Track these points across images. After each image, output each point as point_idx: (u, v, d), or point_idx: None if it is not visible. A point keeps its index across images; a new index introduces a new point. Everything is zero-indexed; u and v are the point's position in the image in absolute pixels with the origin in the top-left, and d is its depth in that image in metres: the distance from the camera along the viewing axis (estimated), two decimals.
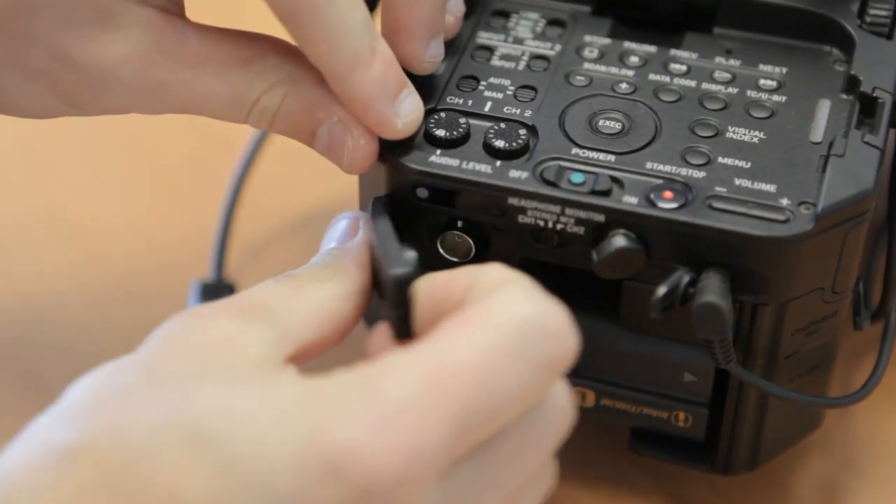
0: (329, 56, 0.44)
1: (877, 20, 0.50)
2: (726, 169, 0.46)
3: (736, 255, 0.44)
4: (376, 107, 0.45)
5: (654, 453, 0.51)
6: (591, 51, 0.50)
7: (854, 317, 0.49)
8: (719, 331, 0.43)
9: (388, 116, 0.45)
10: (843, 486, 0.54)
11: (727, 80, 0.49)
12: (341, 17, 0.43)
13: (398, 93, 0.45)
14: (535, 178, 0.45)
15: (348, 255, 0.44)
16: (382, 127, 0.45)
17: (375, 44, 0.44)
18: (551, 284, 0.49)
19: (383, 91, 0.44)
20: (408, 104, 0.45)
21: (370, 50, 0.44)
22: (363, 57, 0.44)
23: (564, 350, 0.39)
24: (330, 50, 0.44)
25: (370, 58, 0.44)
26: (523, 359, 0.38)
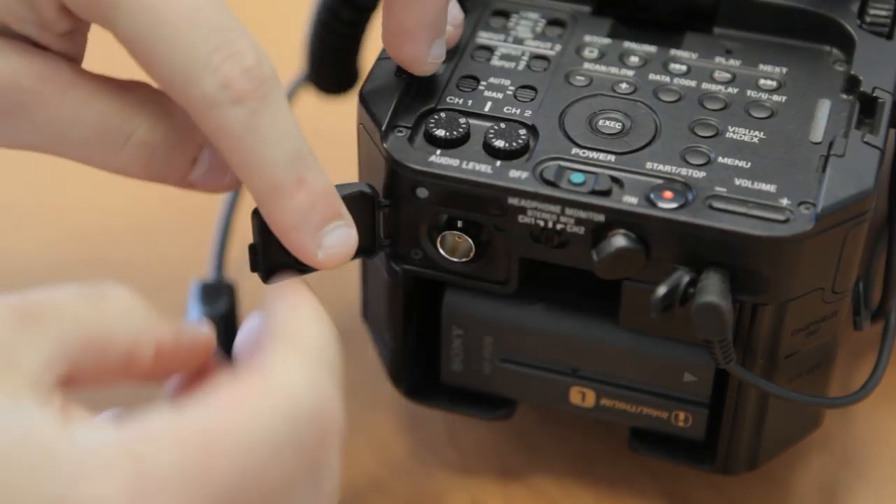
0: (247, 182, 0.43)
1: (877, 20, 0.50)
2: (726, 169, 0.46)
3: (736, 255, 0.44)
4: (294, 236, 0.43)
5: (654, 453, 0.51)
6: (591, 51, 0.50)
7: (854, 317, 0.49)
8: (719, 331, 0.43)
9: (307, 247, 0.44)
10: (843, 486, 0.54)
11: (727, 80, 0.49)
12: (260, 148, 0.42)
13: (323, 224, 0.44)
14: (535, 178, 0.45)
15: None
16: (301, 255, 0.44)
17: (305, 174, 0.43)
18: (551, 284, 0.49)
19: (304, 222, 0.43)
20: (334, 237, 0.44)
21: (294, 181, 0.43)
22: (284, 188, 0.43)
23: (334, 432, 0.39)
24: (247, 177, 0.43)
25: (293, 189, 0.43)
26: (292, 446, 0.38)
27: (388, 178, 0.46)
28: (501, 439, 0.55)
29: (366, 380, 0.57)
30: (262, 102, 0.42)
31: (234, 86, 0.41)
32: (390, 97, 0.47)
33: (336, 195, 0.44)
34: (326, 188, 0.44)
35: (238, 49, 0.42)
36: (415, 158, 0.46)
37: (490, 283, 0.47)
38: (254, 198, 0.43)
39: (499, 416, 0.52)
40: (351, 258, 0.45)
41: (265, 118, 0.42)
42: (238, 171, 0.43)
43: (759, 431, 0.49)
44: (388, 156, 0.46)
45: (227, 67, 0.41)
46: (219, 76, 0.41)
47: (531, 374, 0.50)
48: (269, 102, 0.42)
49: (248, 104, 0.42)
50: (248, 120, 0.42)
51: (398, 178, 0.46)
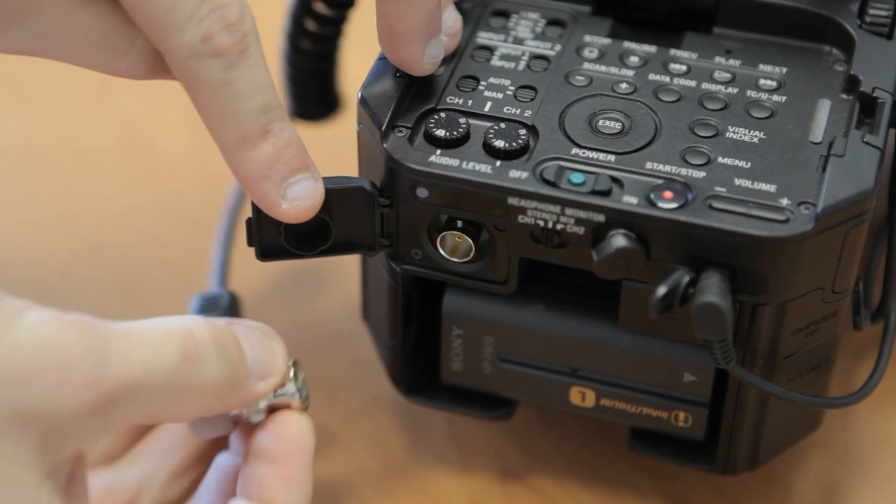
0: (214, 131, 0.43)
1: (877, 20, 0.50)
2: (726, 169, 0.46)
3: (736, 255, 0.44)
4: (259, 186, 0.44)
5: (654, 453, 0.51)
6: (591, 51, 0.50)
7: (854, 317, 0.49)
8: (719, 331, 0.43)
9: (271, 197, 0.44)
10: (843, 486, 0.54)
11: (727, 80, 0.49)
12: (232, 99, 0.43)
13: (289, 176, 0.44)
14: (535, 178, 0.45)
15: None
16: (266, 206, 0.45)
17: (272, 125, 0.43)
18: (551, 284, 0.49)
19: (269, 172, 0.44)
20: (299, 189, 0.44)
21: (261, 131, 0.43)
22: (250, 137, 0.43)
23: None
24: (215, 127, 0.43)
25: (258, 139, 0.43)
26: None
27: (388, 179, 0.46)
28: (501, 439, 0.55)
29: (366, 380, 0.57)
30: (239, 57, 0.42)
31: (216, 40, 0.42)
32: (390, 97, 0.47)
33: (302, 148, 0.45)
34: (292, 140, 0.44)
35: (223, 2, 0.42)
36: (415, 158, 0.46)
37: (490, 283, 0.47)
38: (219, 147, 0.44)
39: (499, 416, 0.52)
40: (316, 212, 0.45)
41: (240, 72, 0.42)
42: (206, 120, 0.43)
43: (759, 431, 0.49)
44: (388, 156, 0.46)
45: (212, 20, 0.42)
46: (202, 28, 0.42)
47: (531, 374, 0.50)
48: (247, 57, 0.43)
49: (226, 58, 0.42)
50: (224, 73, 0.42)
51: (398, 178, 0.46)
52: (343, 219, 0.47)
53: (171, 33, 0.42)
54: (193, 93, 0.43)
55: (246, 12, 0.42)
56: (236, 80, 0.42)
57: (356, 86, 0.48)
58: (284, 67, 0.58)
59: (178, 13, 0.41)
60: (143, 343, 0.39)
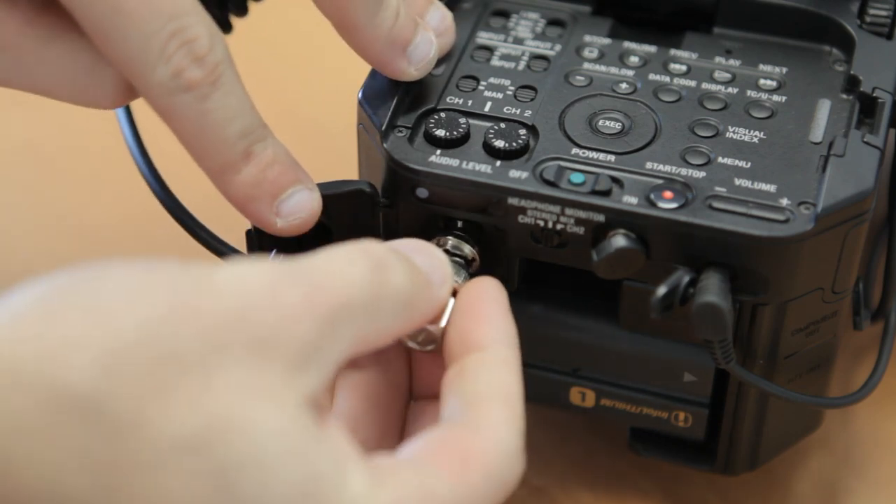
0: (199, 162, 0.44)
1: (877, 20, 0.50)
2: (726, 169, 0.46)
3: (736, 255, 0.44)
4: (250, 207, 0.44)
5: (654, 453, 0.51)
6: (591, 51, 0.50)
7: (854, 317, 0.49)
8: (719, 331, 0.43)
9: (264, 216, 0.44)
10: (843, 486, 0.54)
11: (727, 80, 0.49)
12: (211, 132, 0.43)
13: (279, 193, 0.44)
14: (535, 178, 0.45)
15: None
16: (262, 226, 0.45)
17: (252, 147, 0.44)
18: (551, 284, 0.49)
19: (257, 193, 0.44)
20: (292, 203, 0.44)
21: (242, 156, 0.43)
22: (233, 163, 0.43)
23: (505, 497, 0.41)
24: (199, 156, 0.43)
25: (241, 163, 0.43)
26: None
27: (388, 178, 0.46)
28: None
29: None
30: (212, 87, 0.42)
31: (186, 74, 0.42)
32: (390, 97, 0.47)
33: (290, 162, 0.44)
34: (277, 157, 0.44)
35: (192, 36, 0.42)
36: (415, 158, 0.46)
37: None
38: (204, 170, 0.44)
39: None
40: (315, 221, 0.45)
41: (214, 102, 0.42)
42: (189, 150, 0.43)
43: (759, 431, 0.49)
44: (388, 156, 0.46)
45: (180, 56, 0.42)
46: (171, 65, 0.42)
47: (531, 374, 0.50)
48: (220, 86, 0.43)
49: (199, 90, 0.42)
50: (198, 105, 0.42)
51: (398, 178, 0.46)
52: (343, 223, 0.46)
53: (143, 72, 0.42)
54: (171, 125, 0.43)
55: (216, 41, 0.42)
56: (211, 111, 0.42)
57: (356, 86, 0.48)
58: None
59: (148, 52, 0.42)
60: (334, 267, 0.39)
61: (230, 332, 0.36)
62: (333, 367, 0.38)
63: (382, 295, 0.39)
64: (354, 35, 0.46)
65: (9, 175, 0.67)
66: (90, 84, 0.44)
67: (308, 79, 0.69)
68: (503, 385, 0.42)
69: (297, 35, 0.60)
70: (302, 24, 0.59)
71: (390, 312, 0.40)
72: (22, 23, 0.43)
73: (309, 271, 0.38)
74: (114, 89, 0.44)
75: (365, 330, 0.39)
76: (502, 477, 0.40)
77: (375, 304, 0.39)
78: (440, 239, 0.46)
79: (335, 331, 0.38)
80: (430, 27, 0.48)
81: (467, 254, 0.46)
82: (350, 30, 0.46)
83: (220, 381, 0.35)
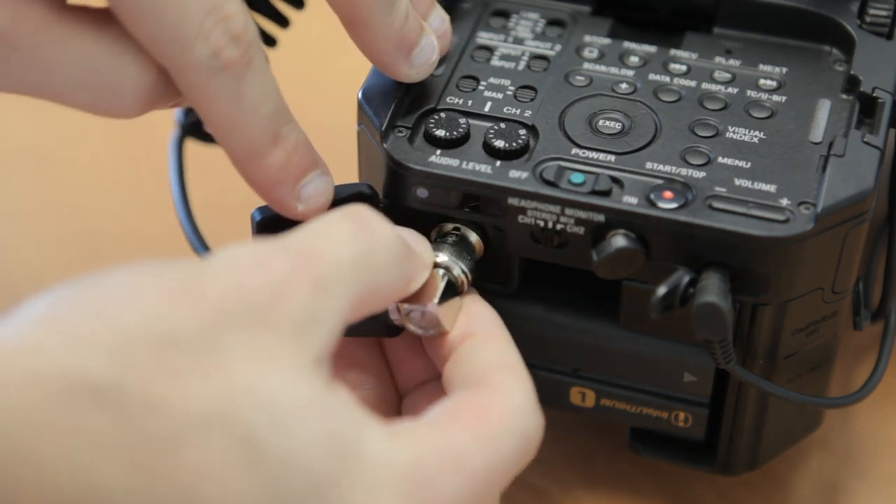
0: (224, 142, 0.43)
1: (877, 20, 0.50)
2: (726, 169, 0.46)
3: (736, 255, 0.44)
4: (274, 191, 0.44)
5: (654, 453, 0.51)
6: (590, 51, 0.50)
7: (854, 317, 0.49)
8: (719, 331, 0.43)
9: (287, 200, 0.44)
10: (843, 486, 0.54)
11: (727, 80, 0.49)
12: (243, 114, 0.42)
13: (301, 177, 0.44)
14: (535, 179, 0.45)
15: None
16: (282, 209, 0.45)
17: (280, 130, 0.43)
18: (551, 284, 0.49)
19: (282, 177, 0.44)
20: (312, 188, 0.44)
21: (271, 139, 0.43)
22: (260, 147, 0.43)
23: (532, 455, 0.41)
24: (226, 140, 0.43)
25: (269, 147, 0.43)
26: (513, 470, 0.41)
27: (388, 178, 0.46)
28: None
29: None
30: (246, 69, 0.42)
31: (224, 54, 0.41)
32: (390, 97, 0.47)
33: (310, 146, 0.44)
34: (300, 142, 0.44)
35: (228, 13, 0.41)
36: (415, 158, 0.46)
37: (490, 283, 0.47)
38: (229, 157, 0.43)
39: None
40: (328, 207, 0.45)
41: (248, 84, 0.42)
42: (216, 132, 0.43)
43: (759, 431, 0.49)
44: (388, 156, 0.46)
45: (218, 34, 0.41)
46: (210, 43, 0.41)
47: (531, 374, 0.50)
48: (253, 67, 0.42)
49: (235, 71, 0.42)
50: (233, 86, 0.42)
51: (398, 178, 0.46)
52: None
53: (179, 50, 0.41)
54: (202, 107, 0.42)
55: (248, 20, 0.42)
56: (245, 92, 0.42)
57: (356, 86, 0.48)
58: None
59: (185, 28, 0.41)
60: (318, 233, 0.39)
61: (228, 310, 0.36)
62: (335, 328, 0.38)
63: (371, 249, 0.40)
64: (364, 32, 0.45)
65: (9, 178, 0.67)
66: (110, 89, 0.43)
67: (308, 79, 0.69)
68: (503, 356, 0.43)
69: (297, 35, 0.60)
70: (302, 24, 0.59)
71: (383, 266, 0.40)
72: (40, 20, 0.42)
73: (294, 241, 0.39)
74: (135, 95, 0.43)
75: (360, 287, 0.39)
76: (525, 430, 0.40)
77: (366, 259, 0.40)
78: (445, 225, 0.46)
79: (329, 292, 0.38)
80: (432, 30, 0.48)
81: (473, 242, 0.46)
82: (360, 26, 0.45)
83: (227, 356, 0.36)
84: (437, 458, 0.38)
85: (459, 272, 0.45)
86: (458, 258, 0.45)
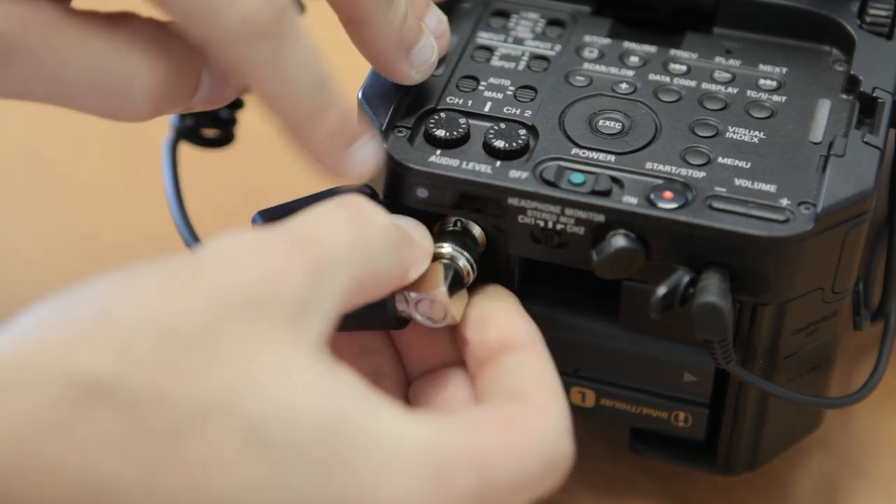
0: (275, 114, 0.43)
1: (877, 20, 0.50)
2: (726, 169, 0.46)
3: (736, 255, 0.44)
4: (327, 160, 0.44)
5: (654, 453, 0.51)
6: (590, 51, 0.50)
7: (854, 317, 0.49)
8: (719, 331, 0.43)
9: (341, 166, 0.44)
10: (843, 486, 0.54)
11: (727, 81, 0.49)
12: (288, 80, 0.42)
13: (353, 141, 0.44)
14: (535, 179, 0.45)
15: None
16: (337, 176, 0.44)
17: (330, 94, 0.43)
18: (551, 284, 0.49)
19: (336, 143, 0.43)
20: (362, 153, 0.44)
21: (324, 105, 0.43)
22: (312, 115, 0.43)
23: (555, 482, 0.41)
24: (276, 109, 0.42)
25: (323, 113, 0.43)
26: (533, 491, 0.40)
27: (388, 178, 0.46)
28: None
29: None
30: (284, 33, 0.41)
31: (257, 19, 0.41)
32: (390, 97, 0.47)
33: (356, 110, 0.44)
34: (349, 105, 0.44)
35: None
36: (415, 158, 0.46)
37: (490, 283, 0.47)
38: (283, 127, 0.43)
39: None
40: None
41: (289, 49, 0.41)
42: (267, 103, 0.42)
43: (759, 431, 0.49)
44: (388, 156, 0.46)
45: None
46: (240, 9, 0.40)
47: None
48: (291, 32, 0.41)
49: (272, 37, 0.41)
50: (274, 53, 0.41)
51: (398, 178, 0.46)
52: None
53: (212, 21, 0.40)
54: (250, 79, 0.42)
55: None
56: (287, 59, 0.41)
57: (356, 86, 0.48)
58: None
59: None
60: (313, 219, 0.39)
61: (224, 302, 0.36)
62: (332, 314, 0.38)
63: (367, 236, 0.40)
64: (363, 31, 0.45)
65: (9, 176, 0.67)
66: (120, 91, 0.42)
67: None
68: (546, 376, 0.43)
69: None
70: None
71: (379, 252, 0.40)
72: (48, 25, 0.41)
73: (289, 228, 0.39)
74: (145, 97, 0.43)
75: (357, 273, 0.39)
76: (554, 454, 0.40)
77: (362, 245, 0.40)
78: (448, 219, 0.46)
79: (325, 277, 0.38)
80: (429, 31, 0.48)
81: (476, 235, 0.46)
82: (359, 25, 0.45)
83: (225, 348, 0.36)
84: (458, 449, 0.38)
85: (465, 262, 0.45)
86: (463, 248, 0.45)
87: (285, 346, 0.36)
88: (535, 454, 0.39)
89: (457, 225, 0.46)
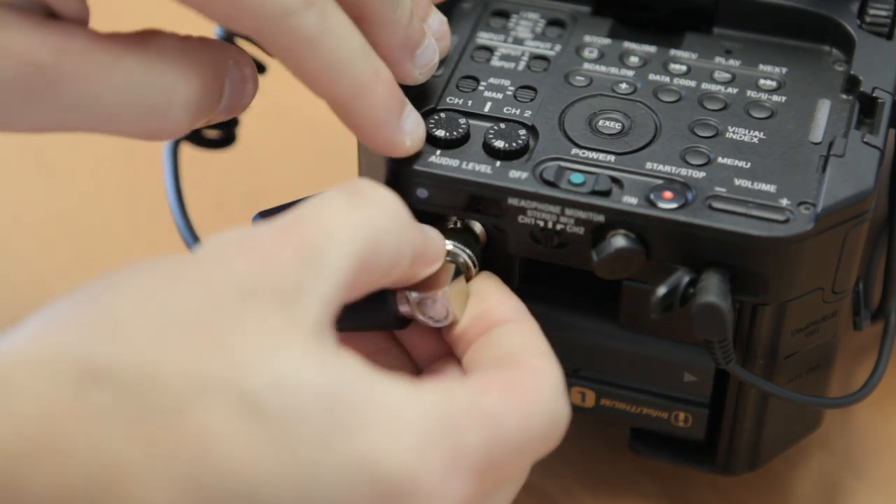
0: (331, 88, 0.43)
1: (877, 20, 0.50)
2: (726, 169, 0.46)
3: (736, 255, 0.44)
4: (384, 130, 0.44)
5: (654, 454, 0.51)
6: (590, 51, 0.50)
7: (854, 317, 0.49)
8: (719, 331, 0.43)
9: (396, 137, 0.44)
10: (843, 486, 0.54)
11: (727, 81, 0.49)
12: (338, 47, 0.42)
13: (402, 111, 0.44)
14: (534, 179, 0.45)
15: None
16: (392, 148, 0.45)
17: (378, 62, 0.43)
18: (551, 284, 0.49)
19: (389, 113, 0.44)
20: (411, 121, 0.45)
21: (373, 75, 0.43)
22: (366, 83, 0.43)
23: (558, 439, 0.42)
24: (332, 81, 0.43)
25: (373, 82, 0.43)
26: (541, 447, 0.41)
27: (388, 178, 0.46)
28: None
29: None
30: (326, 1, 0.42)
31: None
32: None
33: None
34: (391, 74, 0.44)
35: None
36: (415, 158, 0.46)
37: None
38: (335, 102, 0.43)
39: None
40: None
41: (334, 18, 0.42)
42: (318, 77, 0.42)
43: (759, 431, 0.49)
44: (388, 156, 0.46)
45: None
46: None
47: None
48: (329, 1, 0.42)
49: (317, 5, 0.41)
50: (321, 22, 0.41)
51: (398, 178, 0.46)
52: None
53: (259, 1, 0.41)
54: (299, 57, 0.42)
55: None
56: (334, 27, 0.42)
57: None
58: None
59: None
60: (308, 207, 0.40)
61: (216, 288, 0.37)
62: (331, 296, 0.38)
63: (370, 214, 0.40)
64: (369, 29, 0.45)
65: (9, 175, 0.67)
66: (160, 107, 0.42)
67: None
68: (537, 342, 0.43)
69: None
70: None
71: (383, 230, 0.40)
72: (82, 50, 0.42)
73: (282, 218, 0.39)
74: (185, 109, 0.43)
75: (360, 250, 0.39)
76: (556, 411, 0.41)
77: (365, 224, 0.39)
78: (449, 218, 0.46)
79: (319, 259, 0.38)
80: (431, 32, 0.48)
81: (477, 232, 0.46)
82: (367, 23, 0.45)
83: (221, 329, 0.36)
84: (465, 409, 0.38)
85: (466, 259, 0.45)
86: (464, 245, 0.45)
87: (281, 330, 0.37)
88: (538, 414, 0.40)
89: (458, 223, 0.46)
